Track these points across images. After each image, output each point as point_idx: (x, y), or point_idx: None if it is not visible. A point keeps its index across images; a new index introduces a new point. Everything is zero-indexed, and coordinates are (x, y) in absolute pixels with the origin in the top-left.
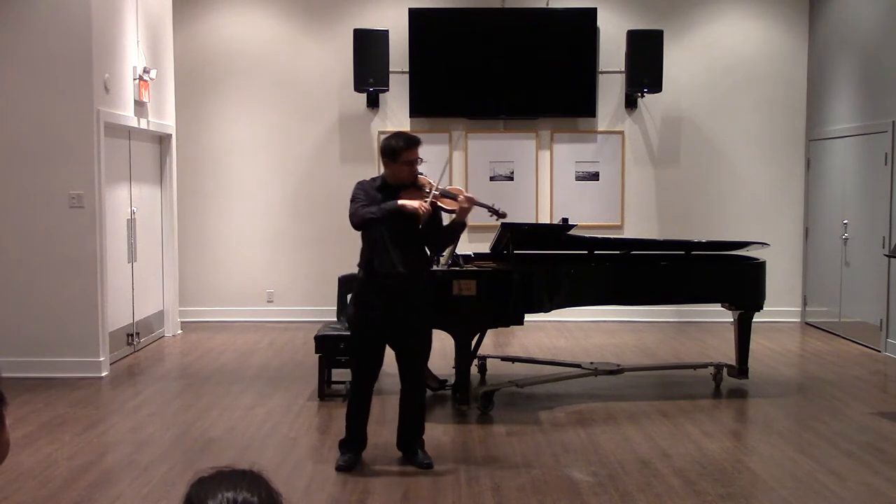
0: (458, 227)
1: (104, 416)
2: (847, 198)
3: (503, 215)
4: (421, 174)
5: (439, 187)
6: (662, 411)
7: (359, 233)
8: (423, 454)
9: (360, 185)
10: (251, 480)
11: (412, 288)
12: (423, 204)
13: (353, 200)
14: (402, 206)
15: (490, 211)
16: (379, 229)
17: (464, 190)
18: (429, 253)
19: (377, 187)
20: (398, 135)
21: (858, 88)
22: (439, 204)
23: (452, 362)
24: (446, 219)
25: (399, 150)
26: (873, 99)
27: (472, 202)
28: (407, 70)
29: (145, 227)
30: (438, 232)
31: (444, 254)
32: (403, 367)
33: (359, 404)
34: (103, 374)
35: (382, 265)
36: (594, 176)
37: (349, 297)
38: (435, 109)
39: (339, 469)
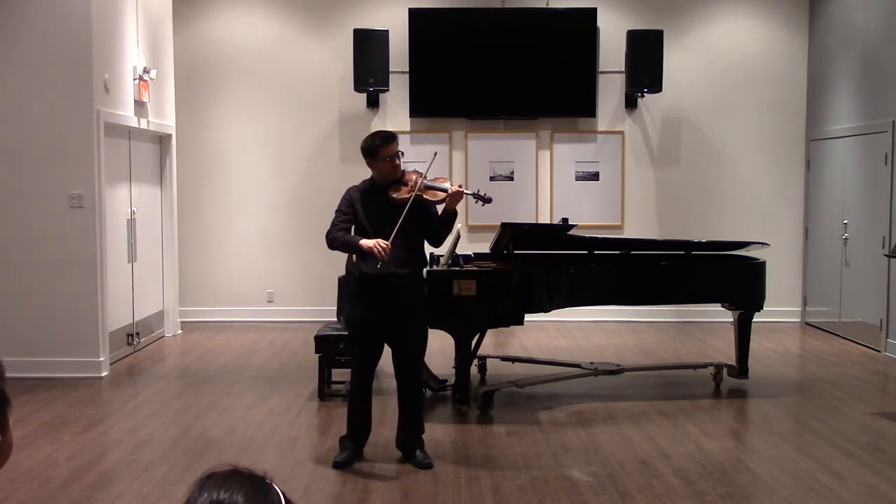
0: (450, 216)
1: (104, 416)
2: (847, 198)
3: (488, 200)
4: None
5: (426, 181)
6: (662, 411)
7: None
8: (423, 454)
9: (347, 194)
10: (252, 485)
11: (405, 287)
12: (380, 243)
13: (335, 213)
14: (361, 247)
15: (476, 197)
16: (368, 231)
17: (451, 179)
18: (430, 246)
19: (365, 189)
20: (374, 134)
21: (858, 88)
22: (426, 197)
23: (452, 362)
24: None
25: (376, 147)
26: (873, 99)
27: (459, 193)
28: (407, 70)
29: (145, 227)
30: (432, 224)
31: (444, 253)
32: (398, 365)
33: (357, 402)
34: (103, 374)
35: (371, 266)
36: (594, 176)
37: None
38: (435, 109)
39: (335, 465)
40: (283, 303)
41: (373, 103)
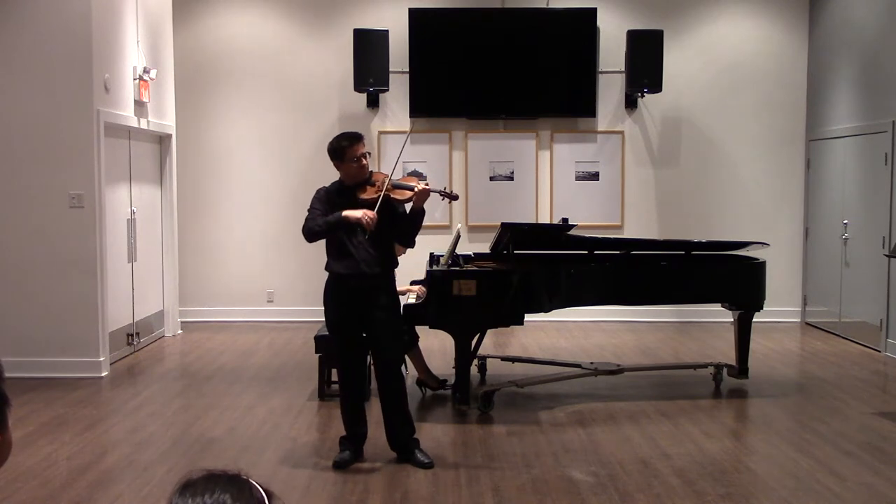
0: (417, 214)
1: (104, 416)
2: (847, 198)
3: (455, 197)
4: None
5: (393, 180)
6: (662, 411)
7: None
8: (423, 454)
9: (318, 194)
10: (236, 486)
11: (376, 287)
12: (368, 213)
13: (308, 211)
14: (346, 218)
15: (442, 195)
16: (339, 233)
17: (417, 179)
18: (400, 245)
19: (335, 190)
20: (340, 135)
21: (858, 88)
22: (393, 196)
23: (452, 362)
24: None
25: (343, 149)
26: (873, 99)
27: (425, 191)
28: (407, 70)
29: (145, 227)
30: (400, 223)
31: (444, 253)
32: (376, 365)
33: (348, 402)
34: (103, 374)
35: (345, 267)
36: (594, 176)
37: None
38: (435, 109)
39: (335, 465)
40: (283, 303)
41: (373, 103)
